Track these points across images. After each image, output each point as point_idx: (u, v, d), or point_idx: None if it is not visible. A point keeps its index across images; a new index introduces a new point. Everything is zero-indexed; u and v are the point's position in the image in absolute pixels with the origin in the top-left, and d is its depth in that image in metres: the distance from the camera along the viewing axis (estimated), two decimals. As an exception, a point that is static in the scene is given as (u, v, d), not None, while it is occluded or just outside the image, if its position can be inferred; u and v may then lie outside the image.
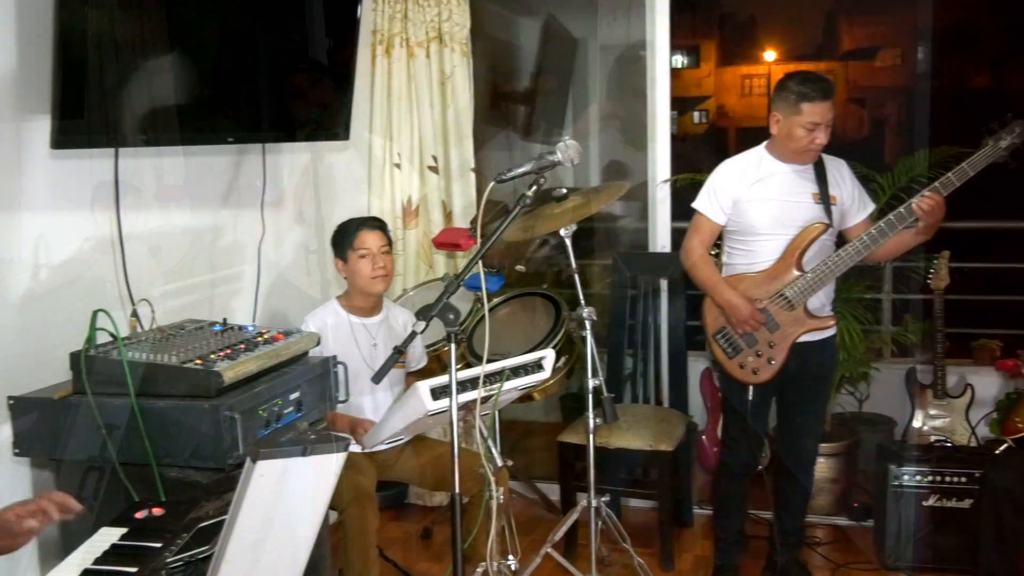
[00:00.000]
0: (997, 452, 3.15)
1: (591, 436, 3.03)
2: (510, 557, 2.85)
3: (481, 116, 4.46)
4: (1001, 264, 4.85)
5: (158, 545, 1.92)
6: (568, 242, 2.98)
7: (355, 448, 3.03)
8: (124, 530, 2.01)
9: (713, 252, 3.34)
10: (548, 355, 2.67)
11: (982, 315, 4.66)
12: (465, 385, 2.46)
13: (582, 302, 2.97)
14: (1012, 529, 2.91)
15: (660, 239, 4.21)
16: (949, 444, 3.83)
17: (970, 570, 3.05)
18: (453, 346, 2.35)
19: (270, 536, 1.69)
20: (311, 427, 2.39)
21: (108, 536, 1.98)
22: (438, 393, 2.40)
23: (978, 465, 3.26)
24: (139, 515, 2.09)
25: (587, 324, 2.93)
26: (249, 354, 2.47)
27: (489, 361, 2.50)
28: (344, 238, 3.24)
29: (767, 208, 3.11)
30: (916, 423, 3.98)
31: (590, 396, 2.99)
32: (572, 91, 6.31)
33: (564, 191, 3.10)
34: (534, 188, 2.46)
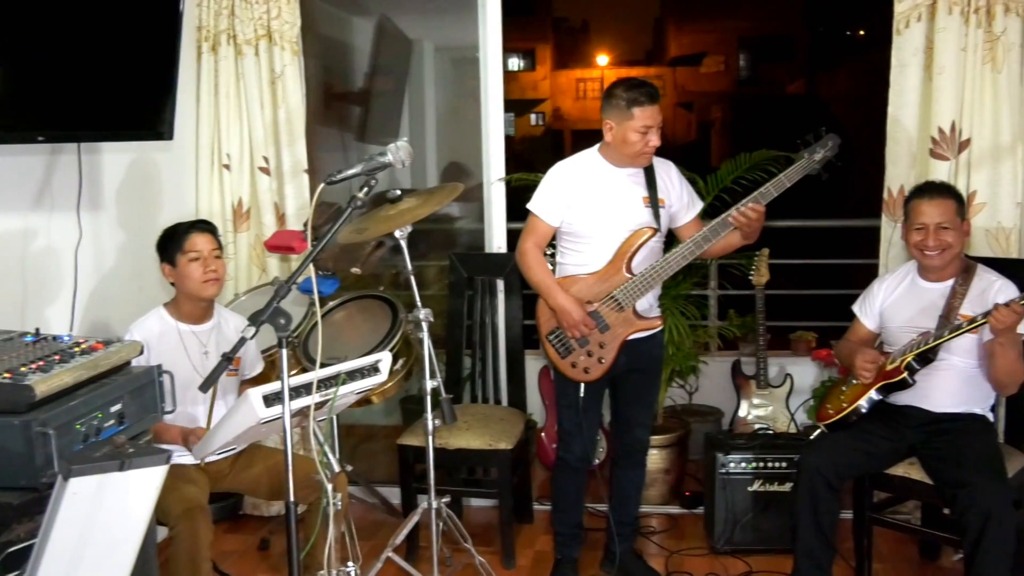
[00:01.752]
0: (812, 437, 3.35)
1: (430, 438, 3.04)
2: (350, 564, 2.82)
3: (314, 117, 4.38)
4: (815, 260, 5.17)
5: (-39, 574, 1.79)
6: (403, 244, 2.98)
7: (187, 459, 2.92)
8: (-78, 560, 1.87)
9: (549, 252, 3.41)
10: (384, 358, 2.65)
11: (799, 308, 4.94)
12: (300, 391, 2.42)
13: (418, 304, 2.98)
14: (825, 506, 3.09)
15: (496, 240, 4.25)
16: (771, 431, 4.05)
17: (791, 549, 3.23)
18: (285, 351, 2.31)
19: (86, 557, 1.61)
20: (133, 440, 2.28)
21: (-97, 568, 1.84)
22: (271, 400, 2.34)
23: (797, 450, 3.45)
24: (-60, 543, 1.94)
25: (424, 326, 2.94)
26: (64, 365, 2.33)
27: (324, 365, 2.46)
28: (172, 242, 3.14)
29: (598, 211, 3.18)
30: (741, 412, 4.18)
31: (428, 398, 3.00)
32: (408, 92, 6.28)
33: (398, 193, 3.09)
34: (365, 190, 2.45)
